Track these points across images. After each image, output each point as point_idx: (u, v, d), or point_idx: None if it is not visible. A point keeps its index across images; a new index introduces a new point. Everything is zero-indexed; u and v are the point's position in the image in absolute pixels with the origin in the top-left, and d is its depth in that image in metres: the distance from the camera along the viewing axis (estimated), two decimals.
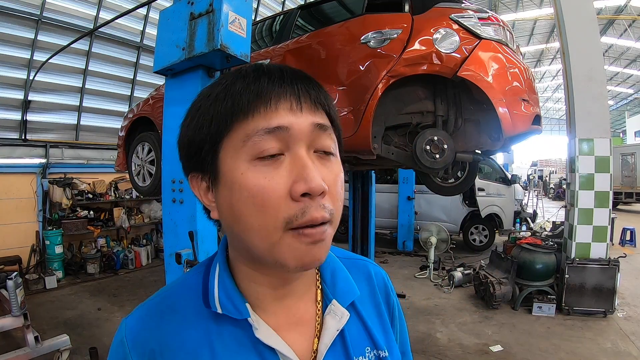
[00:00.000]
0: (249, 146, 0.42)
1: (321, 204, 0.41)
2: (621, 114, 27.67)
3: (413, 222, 7.38)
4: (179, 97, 2.13)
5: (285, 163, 0.42)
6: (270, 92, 0.42)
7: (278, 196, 0.40)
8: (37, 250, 5.58)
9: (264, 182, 0.41)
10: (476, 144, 2.46)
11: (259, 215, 0.41)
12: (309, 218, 0.40)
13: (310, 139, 0.43)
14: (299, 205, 0.40)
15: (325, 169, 0.44)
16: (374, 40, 2.35)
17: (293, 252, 0.42)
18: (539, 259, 4.29)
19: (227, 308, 0.47)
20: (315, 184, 0.40)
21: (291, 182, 0.41)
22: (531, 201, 12.59)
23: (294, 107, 0.42)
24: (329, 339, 0.49)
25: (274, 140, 0.41)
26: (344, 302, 0.52)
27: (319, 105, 0.45)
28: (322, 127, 0.44)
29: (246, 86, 0.43)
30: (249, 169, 0.42)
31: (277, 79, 0.43)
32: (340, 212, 0.45)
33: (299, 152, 0.42)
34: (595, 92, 4.28)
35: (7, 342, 3.34)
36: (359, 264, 0.61)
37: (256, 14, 8.26)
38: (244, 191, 0.41)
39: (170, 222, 2.15)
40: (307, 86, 0.45)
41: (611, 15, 15.02)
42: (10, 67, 5.29)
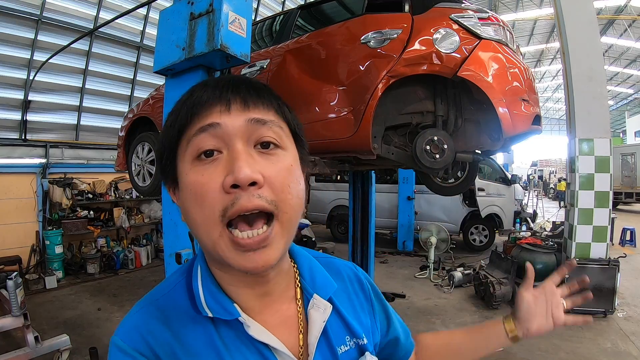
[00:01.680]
0: (189, 147, 0.46)
1: (255, 194, 0.43)
2: (621, 114, 27.66)
3: (413, 222, 7.37)
4: (179, 97, 2.13)
5: (223, 160, 0.44)
6: (201, 102, 0.47)
7: (213, 190, 0.43)
8: (37, 250, 5.58)
9: (201, 179, 0.44)
10: (476, 144, 2.46)
11: (200, 210, 0.44)
12: (238, 207, 0.42)
13: (247, 134, 0.45)
14: (230, 196, 0.42)
15: (265, 162, 0.45)
16: (374, 40, 2.35)
17: (232, 254, 0.44)
18: (539, 259, 4.30)
19: (216, 311, 0.48)
20: (243, 175, 0.41)
21: (225, 176, 0.43)
22: (531, 201, 12.60)
23: (223, 109, 0.46)
24: (318, 332, 0.52)
25: (209, 138, 0.45)
26: (324, 296, 0.55)
27: (252, 103, 0.47)
28: (259, 120, 0.46)
29: (184, 102, 0.49)
30: (191, 170, 0.45)
31: (210, 88, 0.48)
32: (293, 207, 0.46)
33: (235, 147, 0.44)
34: (595, 92, 4.28)
35: (7, 342, 3.34)
36: (329, 262, 0.64)
37: (256, 14, 8.27)
38: (188, 189, 0.45)
39: (170, 222, 2.15)
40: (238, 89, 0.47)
41: (611, 15, 15.02)
42: (10, 67, 5.29)
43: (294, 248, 0.59)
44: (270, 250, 0.45)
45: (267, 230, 0.44)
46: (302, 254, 0.60)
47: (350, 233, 5.03)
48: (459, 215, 7.40)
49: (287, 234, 0.47)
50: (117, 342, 0.46)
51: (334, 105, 2.41)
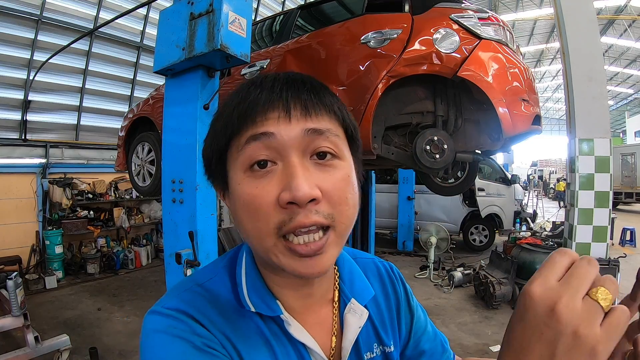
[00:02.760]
0: (241, 156, 0.44)
1: (312, 209, 0.41)
2: (621, 114, 27.67)
3: (413, 222, 7.37)
4: (179, 97, 2.13)
5: (277, 172, 0.43)
6: (258, 105, 0.43)
7: (267, 204, 0.42)
8: (37, 250, 5.58)
9: (255, 192, 0.42)
10: (476, 144, 2.46)
11: (253, 222, 0.43)
12: (296, 224, 0.41)
13: (303, 145, 0.43)
14: (287, 212, 0.41)
15: (322, 174, 0.43)
16: (374, 40, 2.35)
17: (287, 260, 0.43)
18: (539, 259, 4.29)
19: (259, 306, 0.48)
20: (302, 194, 0.40)
21: (280, 190, 0.41)
22: (531, 201, 12.60)
23: (282, 116, 0.43)
24: (353, 336, 0.52)
25: (262, 148, 0.42)
26: (361, 301, 0.55)
27: (313, 109, 0.44)
28: (317, 131, 0.43)
29: (237, 104, 0.45)
30: (243, 180, 0.43)
31: (267, 90, 0.44)
32: (349, 217, 0.45)
33: (290, 160, 0.42)
34: (595, 92, 4.27)
35: (7, 342, 3.34)
36: (366, 262, 0.64)
37: (256, 14, 8.26)
38: (240, 200, 0.44)
39: (170, 222, 2.15)
40: (298, 92, 0.44)
41: (611, 15, 15.02)
42: (10, 67, 5.29)
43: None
44: (325, 256, 0.44)
45: (324, 239, 0.43)
46: (343, 255, 0.59)
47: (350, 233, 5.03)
48: (459, 215, 7.40)
49: (341, 242, 0.46)
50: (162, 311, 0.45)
51: None
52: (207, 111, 2.04)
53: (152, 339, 0.43)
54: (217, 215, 2.17)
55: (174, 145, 2.13)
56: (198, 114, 2.01)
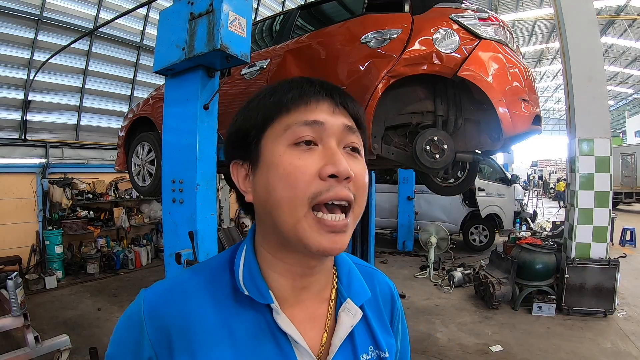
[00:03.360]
0: (288, 133, 0.49)
1: (347, 186, 0.48)
2: (621, 114, 27.67)
3: (413, 222, 7.37)
4: (179, 97, 2.13)
5: (319, 151, 0.49)
6: (310, 95, 0.51)
7: (309, 174, 0.47)
8: (37, 250, 5.58)
9: (298, 162, 0.47)
10: (476, 144, 2.45)
11: (290, 190, 0.47)
12: (334, 194, 0.47)
13: (340, 136, 0.51)
14: (326, 184, 0.47)
15: (352, 162, 0.50)
16: (374, 40, 2.35)
17: (313, 234, 0.47)
18: (539, 259, 4.29)
19: (251, 291, 0.51)
20: (343, 168, 0.47)
21: (322, 164, 0.47)
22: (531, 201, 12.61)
23: (331, 109, 0.51)
24: (344, 334, 0.53)
25: (310, 131, 0.49)
26: (357, 302, 0.57)
27: (350, 112, 0.53)
28: (352, 128, 0.52)
29: (291, 88, 0.52)
30: (286, 152, 0.48)
31: (318, 87, 0.52)
32: (363, 205, 0.51)
33: (331, 143, 0.49)
34: (595, 92, 4.28)
35: (7, 342, 3.34)
36: (368, 271, 0.66)
37: (256, 14, 8.26)
38: (279, 168, 0.48)
39: (170, 222, 2.15)
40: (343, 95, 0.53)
41: (611, 15, 15.02)
42: (10, 67, 5.29)
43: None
44: (346, 235, 0.49)
45: (347, 218, 0.48)
46: (343, 257, 0.62)
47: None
48: (459, 215, 7.40)
49: (353, 227, 0.51)
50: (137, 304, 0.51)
51: None
52: (207, 111, 2.04)
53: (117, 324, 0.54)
54: (217, 215, 2.17)
55: (174, 145, 2.13)
56: (198, 114, 2.01)
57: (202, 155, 2.03)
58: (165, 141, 2.21)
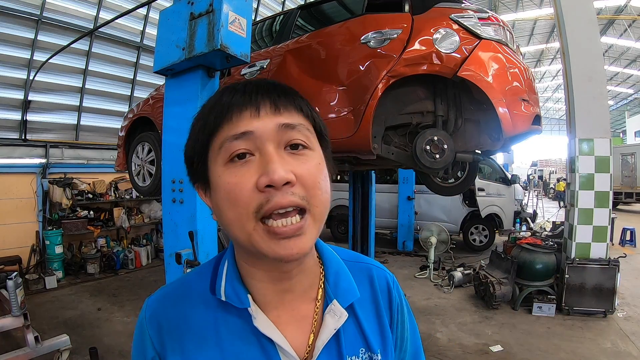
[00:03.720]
0: (222, 152, 0.48)
1: (289, 191, 0.45)
2: (621, 114, 27.66)
3: (413, 222, 7.37)
4: (178, 97, 2.13)
5: (255, 162, 0.47)
6: (232, 107, 0.48)
7: (247, 189, 0.45)
8: (37, 250, 5.58)
9: (234, 180, 0.46)
10: (476, 144, 2.45)
11: (234, 209, 0.46)
12: (274, 204, 0.45)
13: (278, 138, 0.48)
14: (265, 195, 0.45)
15: (296, 162, 0.47)
16: (374, 40, 2.35)
17: (267, 244, 0.46)
18: (539, 259, 4.29)
19: (230, 297, 0.52)
20: (278, 176, 0.44)
21: (258, 177, 0.45)
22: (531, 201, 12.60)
23: (253, 114, 0.48)
24: (326, 337, 0.52)
25: (243, 143, 0.47)
26: (344, 303, 0.55)
27: (281, 107, 0.49)
28: (289, 125, 0.48)
29: (213, 106, 0.50)
30: (224, 172, 0.47)
31: (239, 93, 0.49)
32: (323, 202, 0.49)
33: (267, 149, 0.47)
34: (595, 92, 4.28)
35: (7, 342, 3.34)
36: (362, 267, 0.63)
37: (256, 14, 8.26)
38: (221, 190, 0.48)
39: (170, 222, 2.15)
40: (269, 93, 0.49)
41: (611, 15, 15.02)
42: (10, 67, 5.29)
43: (325, 249, 0.60)
44: (304, 237, 0.47)
45: (302, 220, 0.46)
46: (332, 256, 0.60)
47: (350, 233, 5.03)
48: (459, 215, 7.40)
49: (318, 225, 0.49)
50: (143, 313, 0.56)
51: (334, 105, 2.41)
52: None
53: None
54: None
55: (174, 145, 2.13)
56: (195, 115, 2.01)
57: None
58: (165, 141, 2.21)
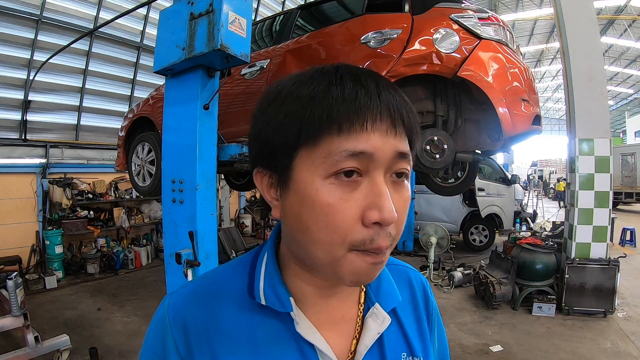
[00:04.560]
0: (328, 164, 0.40)
1: (389, 232, 0.42)
2: (621, 114, 27.66)
3: (413, 222, 7.37)
4: (179, 97, 2.13)
5: (362, 186, 0.41)
6: (367, 111, 0.40)
7: (350, 219, 0.40)
8: (37, 250, 5.58)
9: (337, 203, 0.40)
10: (476, 144, 2.46)
11: (328, 233, 0.41)
12: (376, 246, 0.41)
13: (390, 165, 0.42)
14: (369, 232, 0.41)
15: (397, 195, 0.43)
16: (374, 40, 2.35)
17: (353, 269, 0.42)
18: (539, 259, 4.29)
19: (270, 300, 0.47)
20: (389, 216, 0.40)
21: (364, 207, 0.40)
22: (531, 201, 12.60)
23: (390, 130, 0.41)
24: (370, 341, 0.50)
25: (355, 162, 0.40)
26: (386, 307, 0.53)
27: (410, 130, 0.43)
28: (404, 155, 0.43)
29: (343, 98, 0.40)
30: (324, 186, 0.40)
31: (374, 94, 0.41)
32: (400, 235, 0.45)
33: (377, 177, 0.41)
34: (595, 92, 4.28)
35: (7, 342, 3.34)
36: (400, 270, 0.62)
37: (256, 14, 8.26)
38: (316, 207, 0.41)
39: (170, 222, 2.15)
40: (401, 107, 0.42)
41: (611, 15, 15.02)
42: (10, 67, 5.29)
43: None
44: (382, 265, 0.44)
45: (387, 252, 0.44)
46: None
47: None
48: (459, 215, 7.40)
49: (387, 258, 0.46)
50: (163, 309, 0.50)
51: None
52: (207, 111, 2.04)
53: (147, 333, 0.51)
54: (217, 215, 2.17)
55: (174, 145, 2.13)
56: (198, 114, 2.01)
57: (202, 155, 2.03)
58: (165, 141, 2.21)
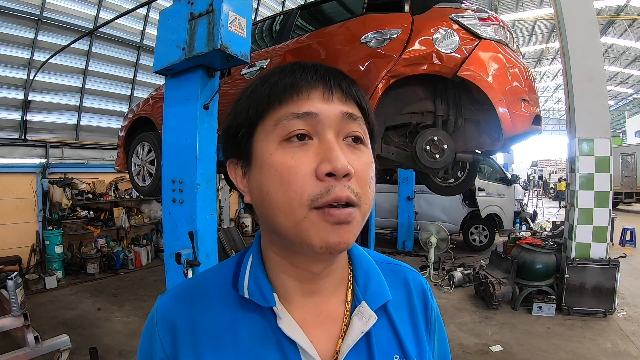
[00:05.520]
0: (278, 128, 0.44)
1: (346, 185, 0.43)
2: (621, 114, 27.65)
3: (413, 222, 7.37)
4: (179, 97, 2.13)
5: (314, 146, 0.44)
6: (303, 83, 0.45)
7: (303, 174, 0.42)
8: (37, 250, 5.58)
9: (291, 162, 0.43)
10: (476, 144, 2.46)
11: (285, 193, 0.43)
12: (333, 196, 0.42)
13: (339, 127, 0.45)
14: (324, 184, 0.42)
15: (353, 156, 0.45)
16: (374, 40, 2.35)
17: (317, 231, 0.42)
18: (539, 259, 4.29)
19: (254, 294, 0.48)
20: (340, 164, 0.41)
21: (317, 162, 0.42)
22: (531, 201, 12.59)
23: (325, 97, 0.45)
24: (352, 340, 0.48)
25: (303, 124, 0.44)
26: (373, 305, 0.52)
27: (350, 96, 0.47)
28: (352, 116, 0.46)
29: (281, 78, 0.47)
30: (277, 150, 0.44)
31: (311, 72, 0.47)
32: (370, 200, 0.46)
33: (327, 136, 0.44)
34: (595, 92, 4.28)
35: (7, 342, 3.34)
36: (396, 269, 0.61)
37: (256, 14, 8.26)
38: (271, 170, 0.44)
39: (170, 222, 2.15)
40: (338, 79, 0.48)
41: (611, 15, 15.02)
42: (10, 67, 5.29)
43: (355, 249, 0.57)
44: (351, 228, 0.44)
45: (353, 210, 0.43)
46: (363, 257, 0.57)
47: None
48: (459, 215, 7.40)
49: (362, 222, 0.46)
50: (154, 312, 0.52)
51: None
52: (207, 111, 2.04)
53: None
54: (217, 215, 2.17)
55: (174, 145, 2.13)
56: (198, 114, 2.01)
57: (202, 156, 2.03)
58: (165, 141, 2.21)
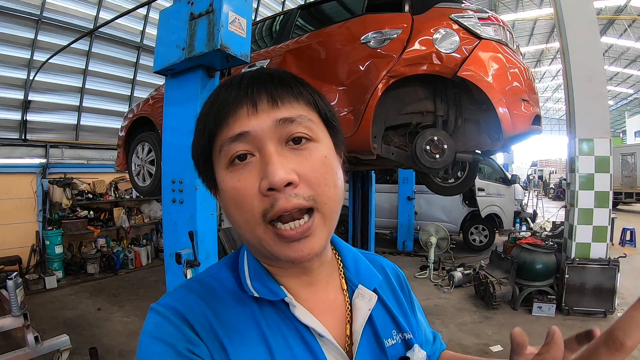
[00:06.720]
0: (222, 155, 0.46)
1: (292, 193, 0.43)
2: (621, 114, 27.65)
3: (413, 222, 7.37)
4: (179, 97, 2.13)
5: (256, 163, 0.45)
6: (228, 105, 0.46)
7: (251, 194, 0.44)
8: (37, 250, 5.58)
9: (237, 184, 0.45)
10: (476, 144, 2.46)
11: (240, 213, 0.45)
12: (278, 209, 0.43)
13: (277, 134, 0.45)
14: (269, 199, 0.43)
15: (298, 158, 0.45)
16: (374, 40, 2.35)
17: (278, 247, 0.45)
18: (539, 259, 4.29)
19: (262, 292, 0.49)
20: (278, 178, 0.42)
21: (260, 179, 0.44)
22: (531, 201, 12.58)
23: (250, 112, 0.45)
24: (363, 319, 0.52)
25: (241, 145, 0.45)
26: (369, 286, 0.55)
27: (279, 98, 0.46)
28: (288, 119, 0.45)
29: (210, 106, 0.48)
30: (227, 175, 0.46)
31: (235, 88, 0.47)
32: (333, 196, 0.46)
33: (266, 149, 0.44)
34: (595, 92, 4.27)
35: (7, 342, 3.34)
36: (371, 258, 0.66)
37: (256, 14, 8.26)
38: (226, 194, 0.46)
39: (170, 222, 2.15)
40: (264, 85, 0.46)
41: (611, 15, 15.01)
42: (10, 67, 5.29)
43: (337, 241, 0.60)
44: (313, 239, 0.45)
45: (309, 221, 0.45)
46: (347, 247, 0.61)
47: (350, 233, 5.03)
48: (459, 215, 7.40)
49: (329, 223, 0.47)
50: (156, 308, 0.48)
51: (334, 105, 2.41)
52: None
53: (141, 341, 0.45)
54: (217, 215, 2.17)
55: (174, 145, 2.13)
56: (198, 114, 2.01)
57: None
58: (165, 141, 2.21)
